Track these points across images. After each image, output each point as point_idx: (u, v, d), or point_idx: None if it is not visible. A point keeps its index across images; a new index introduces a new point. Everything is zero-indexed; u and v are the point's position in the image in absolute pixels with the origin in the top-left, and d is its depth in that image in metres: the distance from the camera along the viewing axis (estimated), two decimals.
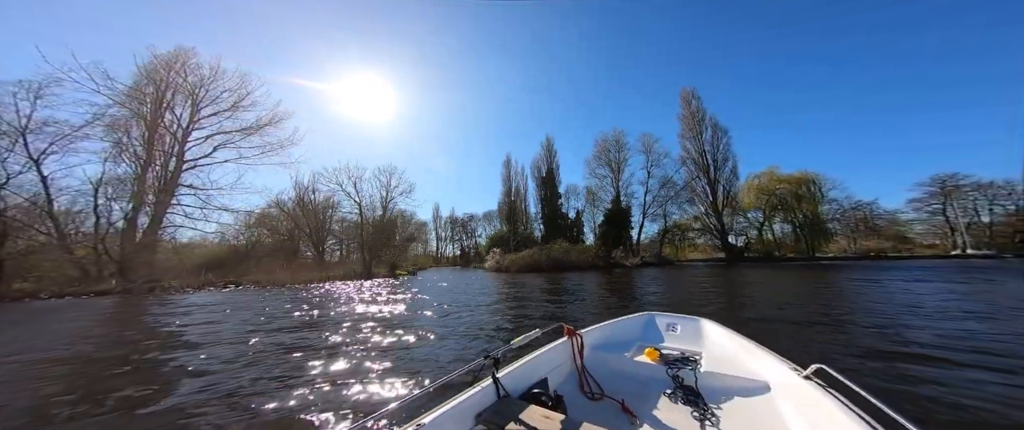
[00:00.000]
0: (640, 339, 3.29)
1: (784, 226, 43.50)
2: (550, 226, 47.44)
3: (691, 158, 43.40)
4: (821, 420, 1.67)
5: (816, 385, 1.86)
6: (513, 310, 9.31)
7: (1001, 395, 3.07)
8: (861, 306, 7.75)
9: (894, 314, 6.79)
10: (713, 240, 42.86)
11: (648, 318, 3.68)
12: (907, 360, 4.06)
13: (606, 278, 20.10)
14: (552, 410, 1.75)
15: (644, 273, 23.73)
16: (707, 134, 43.09)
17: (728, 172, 42.02)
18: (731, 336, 3.03)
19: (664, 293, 11.83)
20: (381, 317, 8.27)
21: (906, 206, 49.30)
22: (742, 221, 43.89)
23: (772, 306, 8.17)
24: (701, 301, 9.22)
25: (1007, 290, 9.58)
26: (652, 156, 41.56)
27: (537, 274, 28.15)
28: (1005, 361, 3.90)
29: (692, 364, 2.53)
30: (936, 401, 3.03)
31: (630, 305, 9.23)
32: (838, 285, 11.97)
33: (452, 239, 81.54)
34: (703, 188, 42.62)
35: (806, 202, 41.41)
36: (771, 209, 42.76)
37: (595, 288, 14.60)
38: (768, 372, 2.34)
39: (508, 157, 55.46)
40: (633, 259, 36.40)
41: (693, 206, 42.94)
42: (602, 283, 16.86)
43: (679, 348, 3.01)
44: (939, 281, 12.45)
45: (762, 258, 40.82)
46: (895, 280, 13.02)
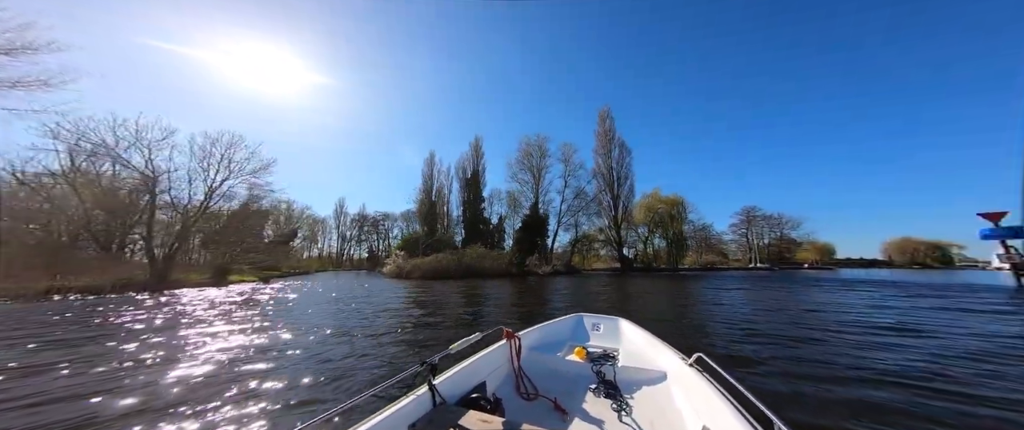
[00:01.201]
0: (571, 339, 3.26)
1: (660, 241, 44.17)
2: (471, 230, 38.35)
3: (601, 173, 40.73)
4: (700, 400, 1.81)
5: (697, 371, 1.97)
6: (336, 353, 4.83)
7: (762, 353, 4.49)
8: (709, 304, 9.62)
9: (725, 307, 9.17)
10: (612, 251, 40.37)
11: (577, 319, 3.63)
12: (738, 338, 5.43)
13: (518, 287, 17.55)
14: (491, 413, 1.60)
15: (556, 282, 22.02)
16: (615, 152, 41.14)
17: (627, 189, 40.71)
18: (641, 333, 3.10)
19: (573, 304, 10.03)
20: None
21: (727, 229, 57.50)
22: (633, 235, 42.97)
23: (659, 307, 9.45)
24: (605, 309, 8.06)
25: (776, 292, 12.80)
26: (570, 166, 37.83)
27: (445, 282, 22.86)
28: (769, 334, 5.63)
29: (611, 360, 2.55)
30: (749, 360, 4.14)
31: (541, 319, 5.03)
32: (695, 290, 14.24)
33: (360, 239, 64.13)
34: (608, 202, 40.24)
35: (676, 221, 42.66)
36: (653, 225, 42.96)
37: (499, 302, 11.32)
38: (665, 362, 2.44)
39: (432, 155, 44.71)
40: (546, 267, 33.18)
41: (600, 218, 39.97)
42: (512, 293, 14.14)
43: (602, 346, 2.98)
44: (746, 285, 16.86)
45: (645, 269, 39.84)
46: (723, 286, 15.93)
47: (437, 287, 17.60)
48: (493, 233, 42.38)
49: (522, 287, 17.48)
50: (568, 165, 39.59)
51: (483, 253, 30.90)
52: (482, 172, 43.78)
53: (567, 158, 39.67)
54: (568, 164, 39.60)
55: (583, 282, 20.97)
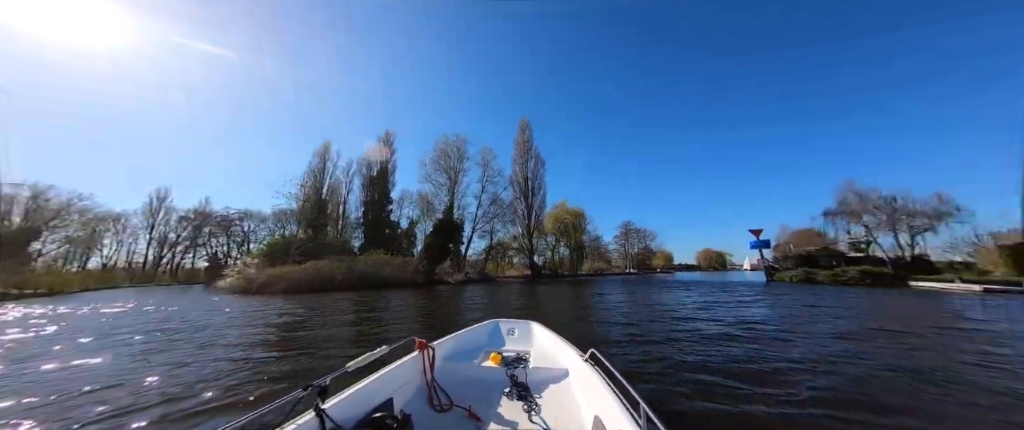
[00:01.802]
0: (487, 345, 3.09)
1: (565, 249, 44.30)
2: (373, 234, 29.25)
3: (517, 181, 37.97)
4: (592, 393, 1.88)
5: (591, 366, 2.08)
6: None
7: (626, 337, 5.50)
8: (601, 305, 10.36)
9: (612, 304, 10.51)
10: (524, 259, 37.63)
11: (494, 325, 3.51)
12: (618, 326, 6.52)
13: (425, 297, 14.43)
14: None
15: (469, 290, 18.93)
16: (532, 163, 39.23)
17: (540, 199, 39.14)
18: (549, 334, 3.10)
19: (487, 313, 8.94)
20: None
21: (612, 240, 63.73)
22: (543, 244, 41.61)
23: (563, 309, 9.77)
24: (518, 314, 7.16)
25: (645, 291, 15.13)
26: (489, 172, 34.10)
27: (324, 294, 16.95)
28: (638, 326, 6.47)
29: (523, 363, 2.51)
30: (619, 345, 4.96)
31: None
32: (592, 292, 15.24)
33: (195, 244, 43.23)
34: (523, 210, 37.71)
35: (578, 232, 43.68)
36: (560, 235, 42.79)
37: (397, 315, 9.11)
38: (567, 360, 2.49)
39: (326, 146, 33.53)
40: (458, 275, 29.05)
41: (514, 226, 36.88)
42: (416, 304, 11.52)
43: (515, 350, 2.91)
44: (624, 287, 19.02)
45: (552, 275, 38.60)
46: (611, 290, 16.95)
47: (315, 301, 12.96)
48: (401, 238, 34.11)
49: (430, 297, 14.61)
50: (487, 170, 35.62)
51: (383, 260, 22.99)
52: (392, 171, 35.34)
53: (486, 163, 35.68)
54: (487, 169, 35.63)
55: (497, 290, 18.91)
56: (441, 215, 32.45)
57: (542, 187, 43.52)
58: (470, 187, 35.92)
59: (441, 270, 28.76)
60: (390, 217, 33.60)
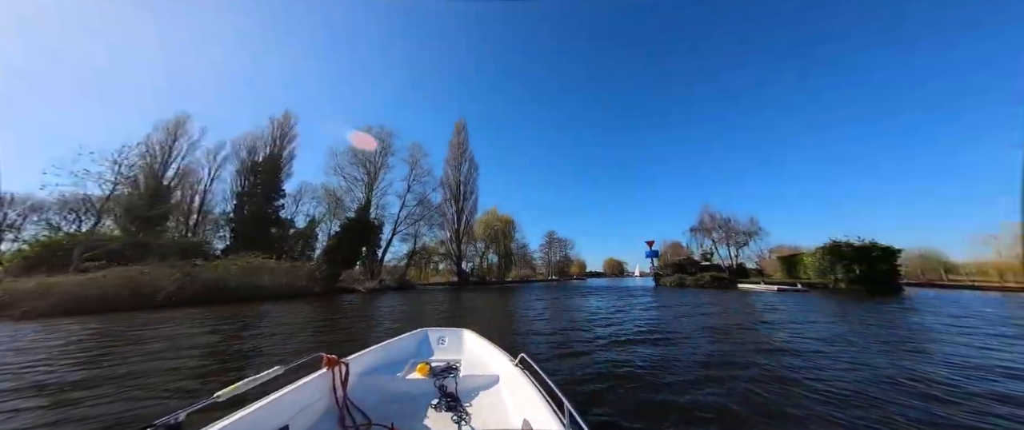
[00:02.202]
0: (414, 356, 2.81)
1: (493, 256, 42.21)
2: (250, 233, 20.89)
3: (449, 184, 34.42)
4: (522, 397, 1.84)
5: (521, 371, 2.01)
6: None
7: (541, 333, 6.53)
8: (532, 310, 10.45)
9: (535, 307, 11.30)
10: (451, 265, 33.85)
11: (423, 335, 3.23)
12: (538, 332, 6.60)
13: (315, 312, 10.69)
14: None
15: (381, 300, 15.57)
16: (465, 167, 36.36)
17: (471, 204, 36.38)
18: (481, 341, 2.92)
19: (398, 326, 7.67)
20: None
21: (537, 248, 64.59)
22: (472, 250, 38.58)
23: (486, 315, 9.86)
24: (438, 322, 5.95)
25: (568, 300, 14.19)
26: (417, 170, 29.81)
27: (145, 313, 10.28)
28: (563, 334, 6.38)
29: (454, 372, 2.33)
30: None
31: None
32: (518, 298, 15.51)
33: None
34: (453, 214, 34.11)
35: (507, 238, 42.30)
36: (490, 241, 40.52)
37: (260, 339, 6.58)
38: (498, 366, 2.39)
39: (181, 120, 23.54)
40: (370, 282, 23.81)
41: (442, 230, 32.87)
42: (303, 321, 8.80)
43: (446, 359, 2.68)
44: (547, 293, 19.29)
45: (479, 282, 35.94)
46: (536, 296, 17.02)
47: (122, 323, 8.39)
48: (294, 239, 25.95)
49: (328, 309, 11.69)
50: (415, 168, 30.87)
51: (256, 264, 16.21)
52: (288, 159, 27.20)
53: (415, 160, 31.09)
54: (415, 167, 31.01)
55: (418, 298, 16.76)
56: (354, 214, 26.07)
57: (474, 192, 40.83)
58: (393, 185, 30.48)
59: (349, 277, 22.58)
60: (279, 214, 25.31)
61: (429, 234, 33.50)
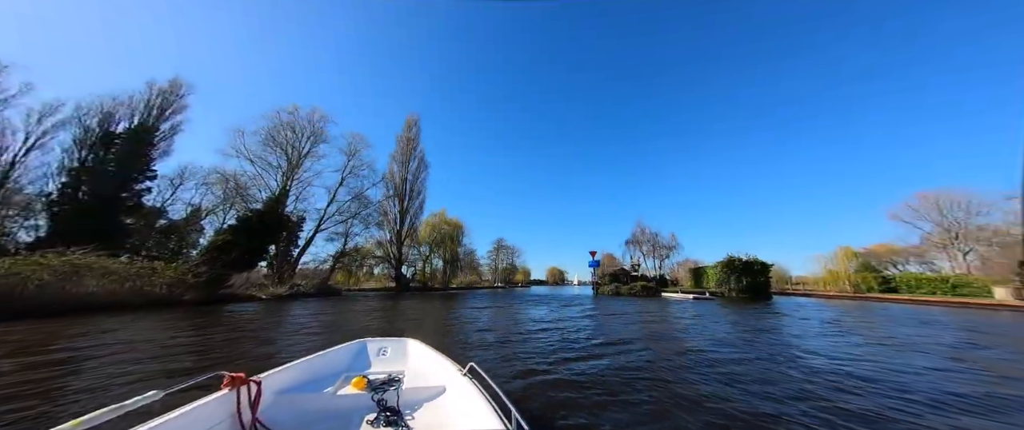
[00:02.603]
0: (347, 370, 2.52)
1: (438, 261, 39.39)
2: (91, 221, 14.55)
3: (393, 181, 30.92)
4: (469, 406, 1.77)
5: (469, 380, 1.97)
6: None
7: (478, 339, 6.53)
8: (468, 319, 9.87)
9: (479, 314, 11.41)
10: (389, 269, 30.25)
11: (359, 346, 2.92)
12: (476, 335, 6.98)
13: (174, 328, 7.81)
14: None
15: (289, 309, 12.63)
16: (414, 164, 33.27)
17: (418, 205, 33.31)
18: (427, 351, 2.75)
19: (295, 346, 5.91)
20: None
21: (485, 255, 62.69)
22: (415, 253, 35.22)
23: (427, 323, 9.43)
24: (360, 333, 4.91)
25: (515, 307, 14.15)
26: (355, 161, 25.18)
27: None
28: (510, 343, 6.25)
29: (396, 384, 2.16)
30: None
31: None
32: (461, 305, 14.99)
33: None
34: (395, 214, 30.71)
35: (454, 243, 39.99)
36: (436, 245, 37.66)
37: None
38: (445, 375, 2.27)
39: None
40: (279, 287, 19.18)
41: (381, 230, 29.17)
42: (148, 343, 6.16)
43: (387, 371, 2.45)
44: (490, 301, 18.51)
45: (421, 288, 33.06)
46: (479, 303, 16.36)
47: None
48: (164, 232, 19.65)
49: (200, 322, 8.50)
50: (352, 159, 26.58)
51: (83, 264, 11.23)
52: (167, 134, 20.82)
53: (353, 151, 26.92)
54: (353, 158, 26.68)
55: (341, 306, 14.45)
56: (262, 205, 20.86)
57: (422, 192, 37.43)
58: (323, 177, 25.65)
59: (246, 281, 17.68)
60: (139, 199, 18.82)
61: (364, 234, 29.06)
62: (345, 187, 26.31)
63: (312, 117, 25.16)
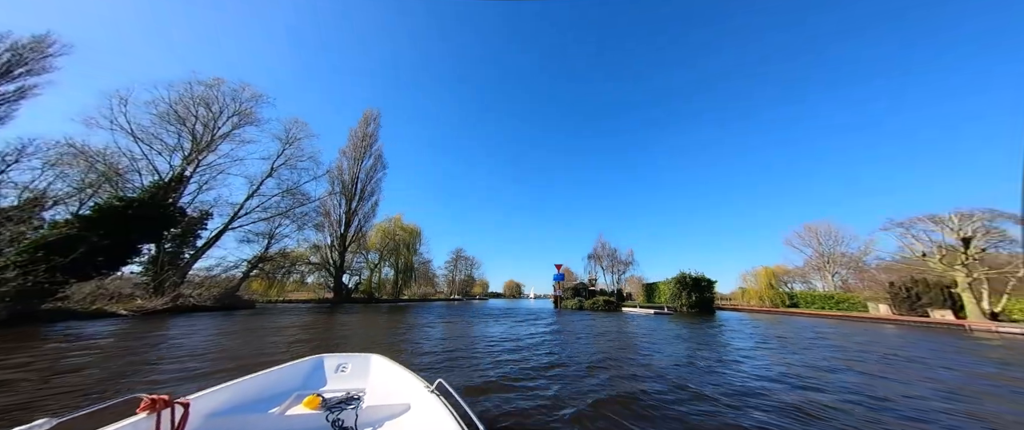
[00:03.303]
0: (300, 388, 2.30)
1: (389, 270, 35.19)
2: None
3: (341, 179, 26.90)
4: (436, 424, 1.67)
5: (437, 397, 1.85)
6: None
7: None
8: (415, 338, 8.51)
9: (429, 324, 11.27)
10: (326, 277, 25.79)
11: (315, 362, 2.63)
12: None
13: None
14: None
15: (153, 330, 8.72)
16: (369, 162, 29.50)
17: (370, 207, 29.49)
18: (392, 367, 2.52)
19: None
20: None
21: (443, 265, 58.55)
22: (360, 261, 30.90)
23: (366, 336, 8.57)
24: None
25: (473, 324, 12.52)
26: (292, 149, 21.16)
27: None
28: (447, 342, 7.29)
29: (355, 403, 1.95)
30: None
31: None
32: (411, 322, 12.63)
33: None
34: (340, 216, 26.55)
35: (410, 251, 36.24)
36: (388, 252, 33.62)
37: None
38: (410, 393, 2.10)
39: None
40: (154, 300, 14.88)
41: (321, 232, 24.87)
42: None
43: (345, 389, 2.27)
44: (447, 315, 16.67)
45: (366, 299, 29.00)
46: (433, 317, 15.27)
47: None
48: None
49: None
50: (288, 148, 22.25)
51: None
52: (11, 95, 14.89)
53: (291, 138, 22.60)
54: (289, 146, 22.31)
55: (246, 321, 11.37)
56: (143, 191, 15.65)
57: (376, 193, 33.27)
58: (246, 165, 20.81)
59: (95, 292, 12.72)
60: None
61: (297, 236, 24.12)
62: (276, 179, 21.68)
63: (239, 94, 20.55)
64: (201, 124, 19.25)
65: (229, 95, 20.27)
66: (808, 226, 34.58)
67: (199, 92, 19.25)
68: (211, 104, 19.62)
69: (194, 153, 18.50)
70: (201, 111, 19.41)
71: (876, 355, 7.07)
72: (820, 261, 32.65)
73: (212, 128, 19.37)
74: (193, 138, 18.68)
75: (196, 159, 18.37)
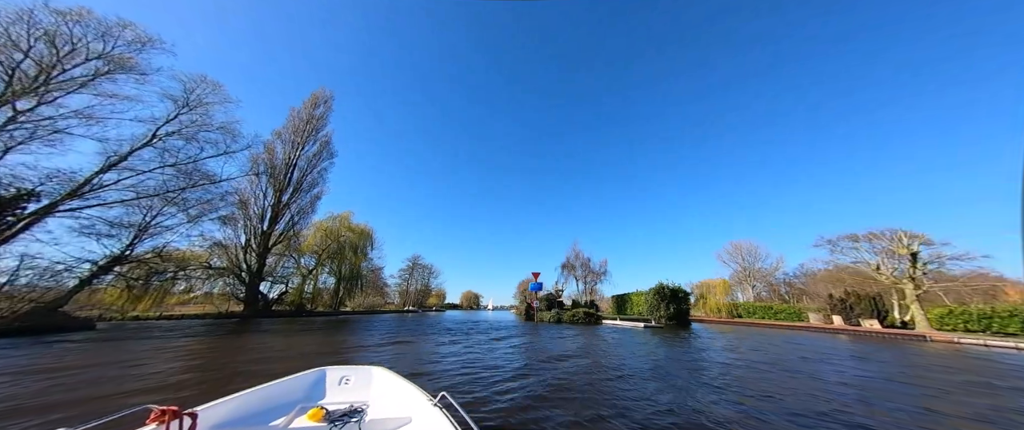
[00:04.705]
0: (304, 400, 2.25)
1: (329, 277, 28.80)
2: None
3: (273, 164, 21.13)
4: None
5: (440, 410, 1.79)
6: None
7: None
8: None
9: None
10: (236, 287, 19.46)
11: (319, 374, 2.58)
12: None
13: None
14: None
15: None
16: (312, 148, 24.03)
17: (308, 201, 23.74)
18: (395, 379, 2.46)
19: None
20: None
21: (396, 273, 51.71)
22: (289, 266, 24.55)
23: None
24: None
25: (423, 344, 10.36)
26: (194, 115, 15.59)
27: None
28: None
29: (358, 415, 1.91)
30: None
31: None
32: (337, 345, 9.12)
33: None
34: (263, 208, 20.63)
35: (358, 256, 30.39)
36: (328, 257, 27.45)
37: None
38: (413, 406, 2.02)
39: None
40: None
41: (229, 227, 18.70)
42: None
43: (348, 401, 2.22)
44: (399, 332, 13.62)
45: (293, 313, 22.90)
46: (378, 335, 12.03)
47: None
48: None
49: None
50: (189, 110, 16.35)
51: None
52: None
53: (194, 100, 16.80)
54: (190, 109, 16.41)
55: (46, 355, 6.30)
56: None
57: (319, 185, 27.09)
58: (112, 128, 14.15)
59: None
60: None
61: (189, 230, 17.27)
62: (156, 148, 15.15)
63: (112, 30, 14.18)
64: (33, 62, 12.56)
65: (95, 33, 13.85)
66: (734, 243, 38.02)
67: (47, 24, 12.63)
68: (59, 41, 13.04)
69: (9, 95, 11.76)
70: (40, 47, 12.74)
71: (942, 375, 5.77)
72: (743, 275, 35.88)
73: (49, 69, 12.75)
74: (8, 78, 11.93)
75: (9, 103, 11.66)
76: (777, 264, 34.90)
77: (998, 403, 4.11)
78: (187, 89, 16.69)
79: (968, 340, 11.99)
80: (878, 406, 3.86)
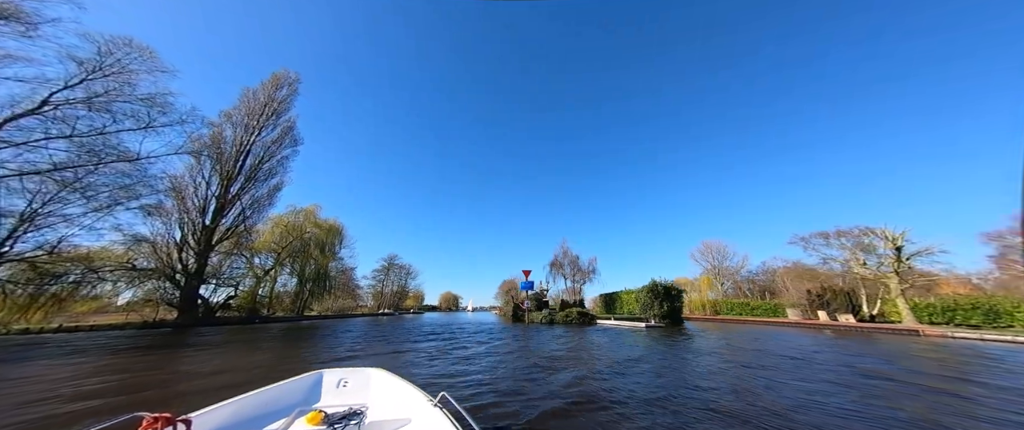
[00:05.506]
0: (302, 404, 2.22)
1: (290, 278, 25.40)
2: None
3: (220, 148, 17.95)
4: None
5: (441, 410, 1.78)
6: None
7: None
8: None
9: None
10: (168, 291, 15.99)
11: (316, 377, 2.53)
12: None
13: None
14: None
15: None
16: (272, 133, 20.90)
17: (264, 192, 20.70)
18: (394, 381, 2.42)
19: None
20: None
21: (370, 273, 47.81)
22: (240, 266, 21.14)
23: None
24: None
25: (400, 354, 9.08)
26: (110, 82, 12.67)
27: None
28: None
29: (357, 418, 1.89)
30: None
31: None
32: (281, 360, 7.11)
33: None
34: (204, 197, 17.44)
35: (327, 255, 27.25)
36: (289, 255, 24.15)
37: None
38: (412, 407, 2.00)
39: None
40: None
41: (157, 220, 15.28)
42: None
43: (347, 404, 2.16)
44: (367, 342, 11.52)
45: (244, 319, 19.87)
46: (341, 345, 10.01)
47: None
48: None
49: None
50: (100, 76, 12.92)
51: None
52: None
53: (110, 69, 13.24)
54: (102, 75, 13.00)
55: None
56: None
57: (277, 175, 23.60)
58: None
59: None
60: None
61: (95, 220, 13.62)
62: (46, 117, 11.65)
63: None
64: None
65: None
66: (705, 243, 39.61)
67: None
68: None
69: None
70: None
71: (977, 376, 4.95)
72: (713, 273, 37.47)
73: None
74: None
75: None
76: (742, 262, 36.80)
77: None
78: (102, 51, 13.21)
79: (962, 335, 11.36)
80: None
